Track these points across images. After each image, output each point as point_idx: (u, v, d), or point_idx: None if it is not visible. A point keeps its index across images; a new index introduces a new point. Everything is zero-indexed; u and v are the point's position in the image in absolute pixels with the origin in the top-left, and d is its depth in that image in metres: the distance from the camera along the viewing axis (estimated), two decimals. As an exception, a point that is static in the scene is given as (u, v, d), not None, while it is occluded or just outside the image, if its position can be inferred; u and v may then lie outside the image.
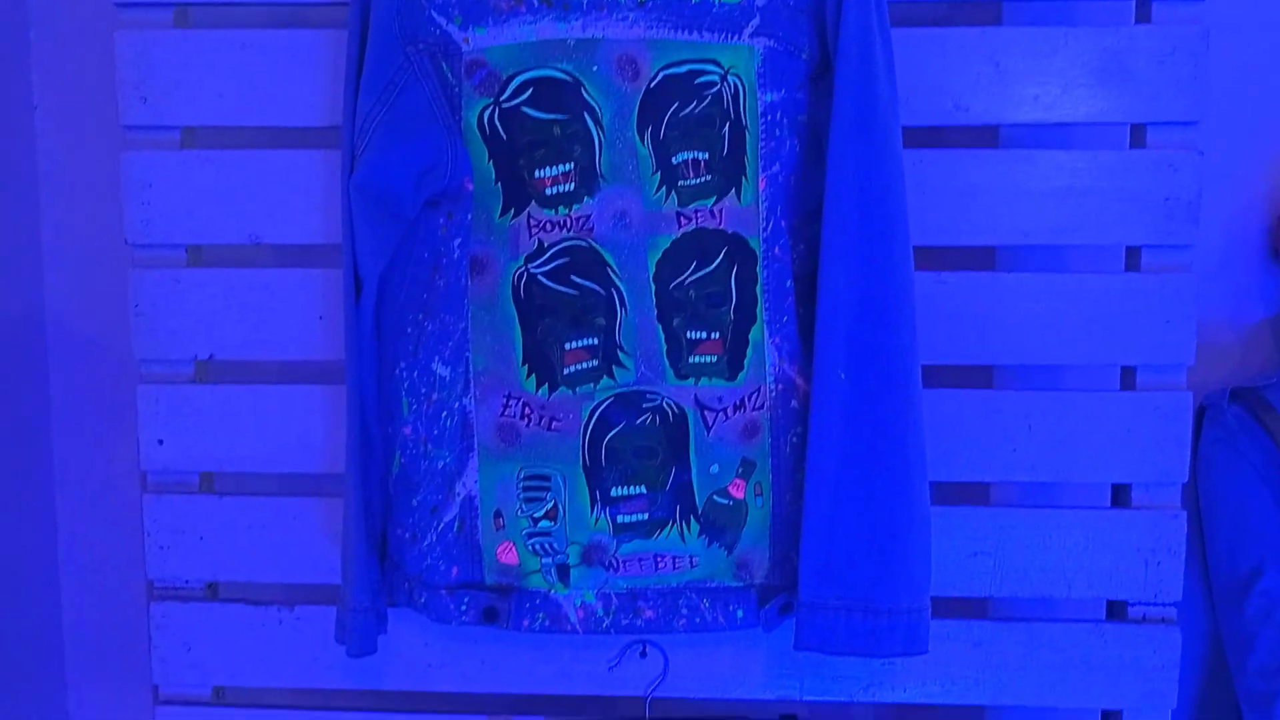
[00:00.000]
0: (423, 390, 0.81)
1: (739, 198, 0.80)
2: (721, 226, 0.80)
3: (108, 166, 0.92)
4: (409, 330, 0.81)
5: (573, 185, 0.79)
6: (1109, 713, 0.89)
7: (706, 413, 0.81)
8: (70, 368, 1.08)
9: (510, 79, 0.78)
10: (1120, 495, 0.87)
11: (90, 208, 1.04)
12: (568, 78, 0.78)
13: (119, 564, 1.08)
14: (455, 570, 0.83)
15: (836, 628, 0.77)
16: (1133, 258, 0.85)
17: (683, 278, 0.80)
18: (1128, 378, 0.86)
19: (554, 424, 0.81)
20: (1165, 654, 0.87)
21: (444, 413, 0.81)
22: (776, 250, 0.80)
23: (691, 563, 0.83)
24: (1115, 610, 0.88)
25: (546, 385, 0.81)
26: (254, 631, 0.89)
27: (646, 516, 0.82)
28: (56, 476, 1.09)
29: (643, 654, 0.88)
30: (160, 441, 0.87)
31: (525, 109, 0.79)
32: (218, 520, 0.88)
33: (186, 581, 0.89)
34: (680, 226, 0.80)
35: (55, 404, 1.08)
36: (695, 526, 0.83)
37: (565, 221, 0.80)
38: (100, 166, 1.02)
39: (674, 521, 0.83)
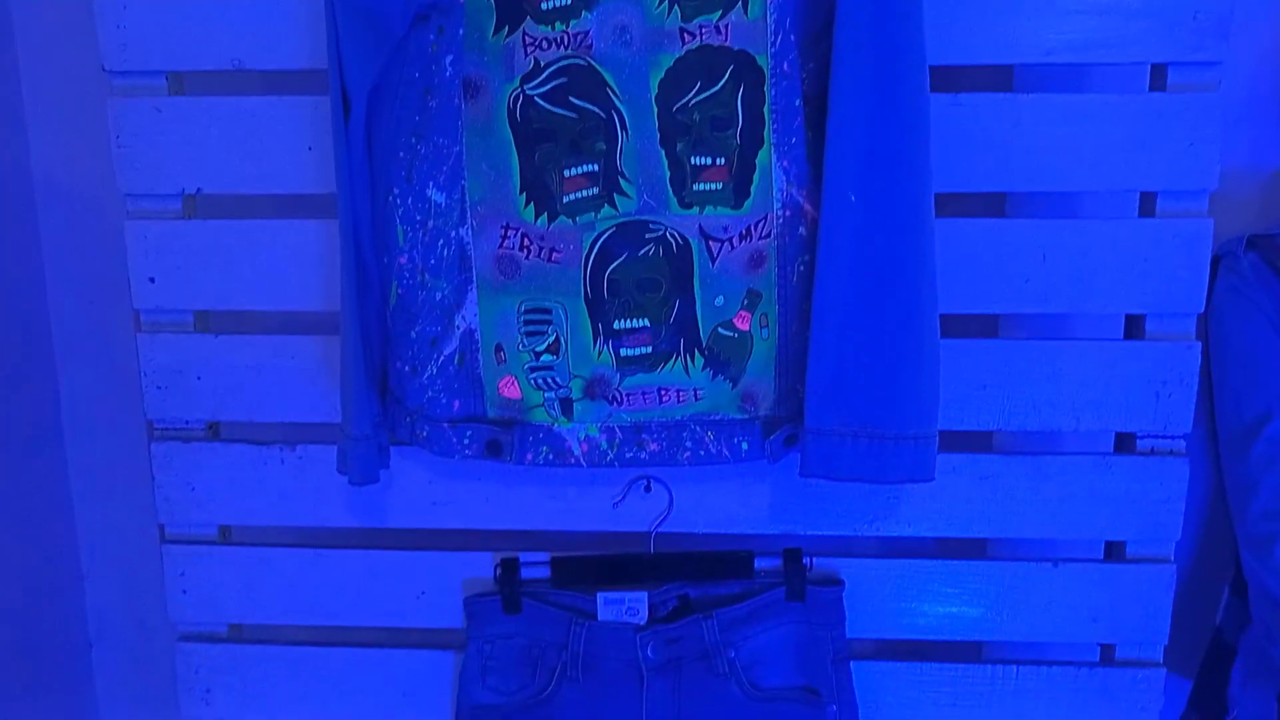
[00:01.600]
0: (418, 218, 0.79)
1: (746, 11, 0.75)
2: (727, 43, 0.76)
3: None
4: (401, 154, 0.78)
5: (570, -3, 0.75)
6: (1112, 544, 0.89)
7: (711, 243, 0.79)
8: (57, 208, 1.05)
9: (500, -120, 0.73)
10: (1134, 326, 0.85)
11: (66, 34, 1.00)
12: (563, -121, 0.73)
13: (119, 404, 1.08)
14: (457, 404, 0.82)
15: (842, 453, 0.76)
16: (1158, 76, 0.81)
17: (686, 99, 0.77)
18: (1147, 204, 0.83)
19: (554, 255, 0.79)
20: (1172, 486, 0.86)
21: (440, 241, 0.79)
22: (785, 67, 0.76)
23: (696, 396, 0.82)
24: (1123, 443, 0.88)
25: (545, 214, 0.78)
26: (257, 471, 0.88)
27: (650, 350, 0.81)
28: (52, 315, 1.08)
29: (647, 489, 0.88)
30: (151, 280, 0.85)
31: (516, -86, 0.74)
32: (215, 360, 0.87)
33: (186, 422, 0.89)
34: (684, 43, 0.76)
35: (46, 245, 1.06)
36: (699, 359, 0.81)
37: (562, 38, 0.76)
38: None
39: (678, 355, 0.81)
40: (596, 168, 0.77)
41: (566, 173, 0.78)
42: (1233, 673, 1.20)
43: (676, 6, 0.75)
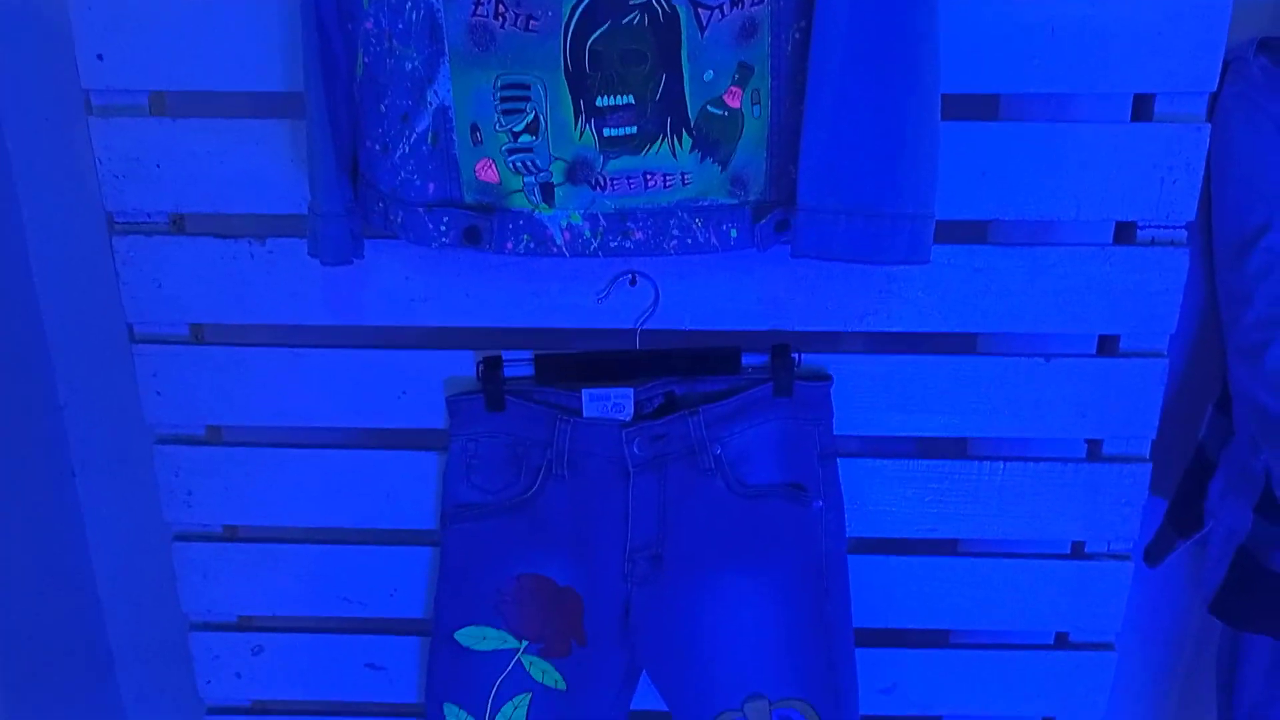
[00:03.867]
0: (383, -22, 0.73)
1: None
2: None
3: None
4: (360, -96, 0.72)
5: None
6: (1106, 338, 0.88)
7: (700, 10, 0.74)
8: None
9: None
10: (1142, 108, 0.81)
11: None
12: None
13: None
14: (431, 187, 0.78)
15: (836, 232, 0.73)
16: None
17: None
18: (1163, -25, 0.78)
19: (531, 23, 0.74)
20: (1170, 277, 0.84)
21: (408, 5, 0.73)
22: None
23: (683, 180, 0.78)
24: (1122, 233, 0.85)
25: (521, -23, 0.73)
26: (225, 266, 0.85)
27: (635, 130, 0.76)
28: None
29: (632, 283, 0.85)
30: (99, 57, 0.79)
31: None
32: (175, 147, 0.82)
33: (148, 215, 0.84)
34: None
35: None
36: (687, 140, 0.77)
37: None
38: None
39: (664, 135, 0.77)
40: None
41: (541, -71, 0.72)
42: (1211, 486, 1.21)
43: None
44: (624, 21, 0.74)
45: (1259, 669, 1.15)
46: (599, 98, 0.75)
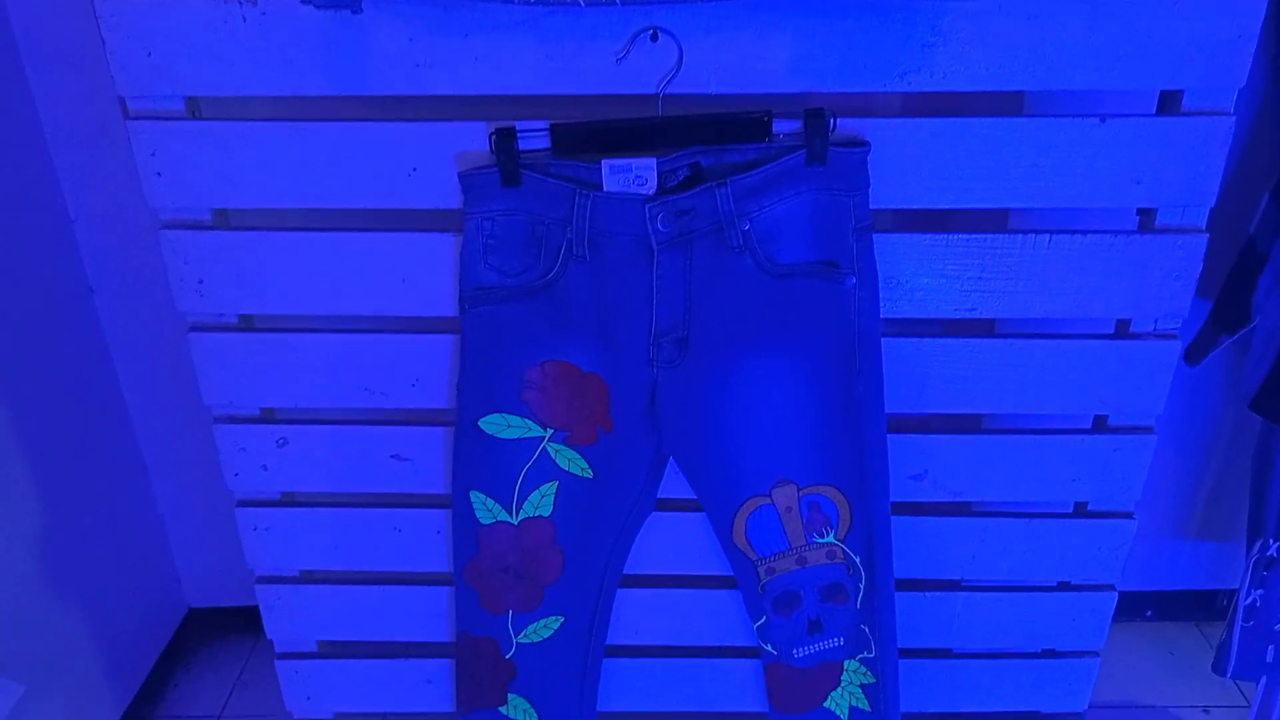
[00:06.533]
0: None
1: None
2: None
3: None
4: None
5: None
6: (1168, 96, 0.81)
7: None
8: None
9: None
10: None
11: None
12: None
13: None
14: (432, -74, 0.71)
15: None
16: None
17: None
18: None
19: None
20: (1244, 23, 0.76)
21: None
22: None
23: (707, -86, 0.71)
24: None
25: None
26: (216, 32, 0.79)
27: None
28: None
29: (653, 39, 0.79)
30: None
31: None
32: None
33: (131, -24, 0.78)
34: None
35: None
36: None
37: None
38: None
39: None
40: None
41: None
42: (1260, 280, 1.16)
43: None
44: None
45: (1296, 465, 1.13)
46: None
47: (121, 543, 1.34)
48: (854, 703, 1.03)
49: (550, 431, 0.92)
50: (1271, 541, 1.19)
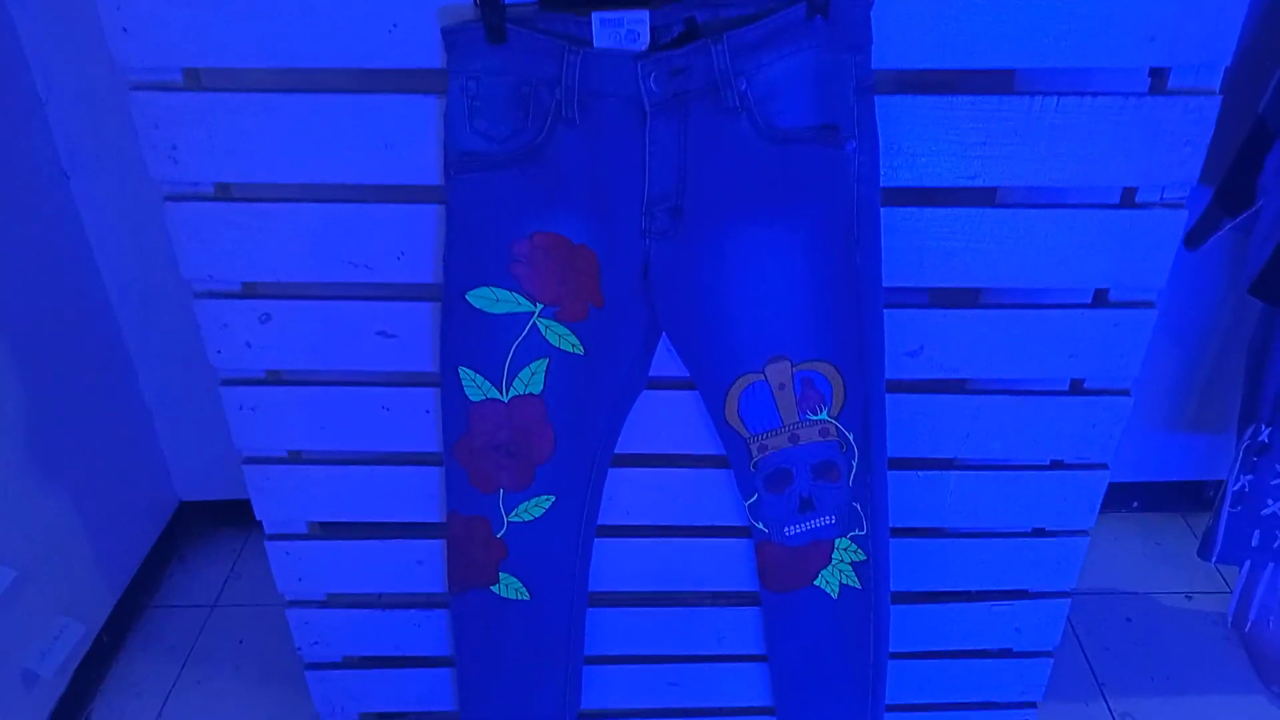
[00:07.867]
0: None
1: None
2: None
3: None
4: None
5: None
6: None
7: None
8: None
9: None
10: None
11: None
12: None
13: None
14: None
15: None
16: None
17: None
18: None
19: None
20: None
21: None
22: None
23: None
24: None
25: None
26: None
27: None
28: None
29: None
30: None
31: None
32: None
33: None
34: None
35: None
36: None
37: None
38: None
39: None
40: None
41: None
42: (1268, 160, 1.13)
43: None
44: None
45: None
46: None
47: (108, 433, 1.33)
48: (844, 580, 1.03)
49: (540, 306, 0.90)
50: (1264, 427, 1.19)
